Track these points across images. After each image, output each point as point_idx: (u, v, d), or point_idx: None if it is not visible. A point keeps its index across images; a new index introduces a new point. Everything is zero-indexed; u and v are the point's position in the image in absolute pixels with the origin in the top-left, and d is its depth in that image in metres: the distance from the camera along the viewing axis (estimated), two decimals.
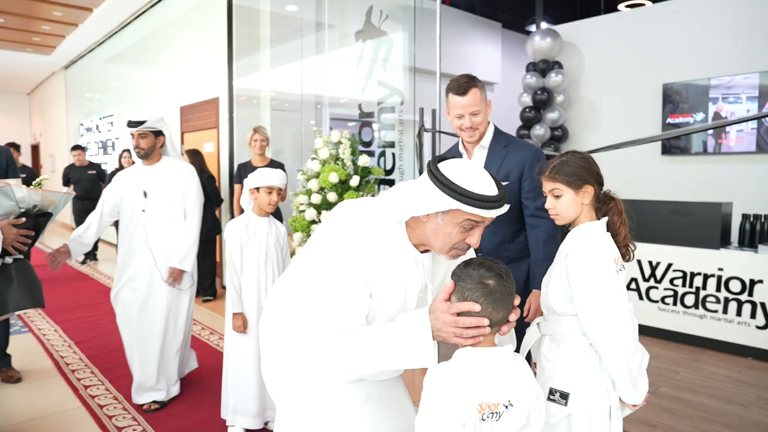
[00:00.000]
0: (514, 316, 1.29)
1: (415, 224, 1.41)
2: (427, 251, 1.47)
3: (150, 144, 3.09)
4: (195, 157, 5.60)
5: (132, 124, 3.06)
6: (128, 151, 7.13)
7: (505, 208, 1.34)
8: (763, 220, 4.14)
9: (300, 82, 5.57)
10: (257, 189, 2.71)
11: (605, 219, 1.58)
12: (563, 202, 1.58)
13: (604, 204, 1.61)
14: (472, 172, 1.34)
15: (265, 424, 2.80)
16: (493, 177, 1.39)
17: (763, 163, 5.14)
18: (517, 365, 1.28)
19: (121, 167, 7.21)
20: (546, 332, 1.61)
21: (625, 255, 1.60)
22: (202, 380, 3.53)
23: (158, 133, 3.14)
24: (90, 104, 11.22)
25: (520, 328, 1.89)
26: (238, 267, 2.70)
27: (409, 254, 1.44)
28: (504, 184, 2.14)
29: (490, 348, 1.27)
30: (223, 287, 6.04)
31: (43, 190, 2.49)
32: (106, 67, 9.89)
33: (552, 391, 1.51)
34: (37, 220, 2.47)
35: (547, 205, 1.63)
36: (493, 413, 1.21)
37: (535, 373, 1.56)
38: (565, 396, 1.48)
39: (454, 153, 2.34)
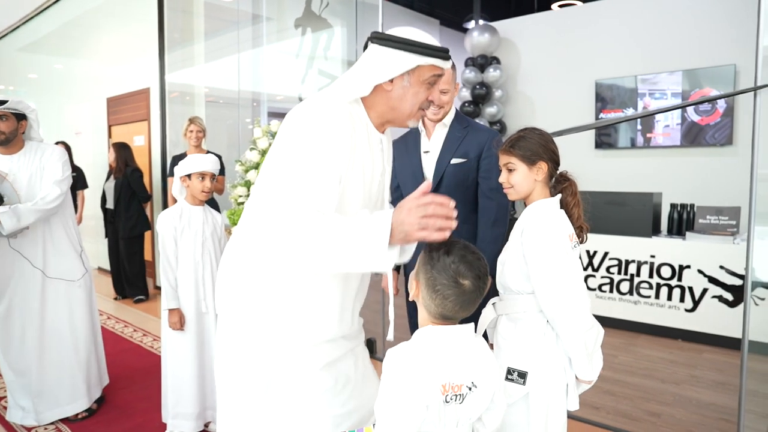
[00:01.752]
0: None
1: (372, 100, 1.39)
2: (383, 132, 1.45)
3: (12, 128, 2.71)
4: (122, 150, 5.30)
5: None
6: None
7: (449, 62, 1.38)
8: (689, 209, 4.35)
9: (237, 76, 5.36)
10: (188, 176, 2.54)
11: (559, 196, 1.57)
12: (517, 176, 1.56)
13: (558, 183, 1.60)
14: (416, 31, 1.35)
15: (206, 425, 2.64)
16: None
17: (687, 156, 5.42)
18: (479, 345, 1.23)
19: None
20: (502, 312, 1.58)
21: (579, 236, 1.59)
22: (136, 383, 3.31)
23: (21, 117, 2.77)
24: (3, 97, 10.38)
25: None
26: (172, 260, 2.53)
27: (373, 135, 1.40)
28: (462, 161, 2.13)
29: (451, 326, 1.21)
30: (157, 287, 5.77)
31: None
32: (20, 56, 9.17)
33: (510, 371, 1.48)
34: None
35: (501, 179, 1.60)
36: (456, 395, 1.15)
37: None
38: (523, 375, 1.45)
39: (413, 132, 2.31)
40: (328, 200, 1.25)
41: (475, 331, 1.25)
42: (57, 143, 5.25)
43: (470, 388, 1.16)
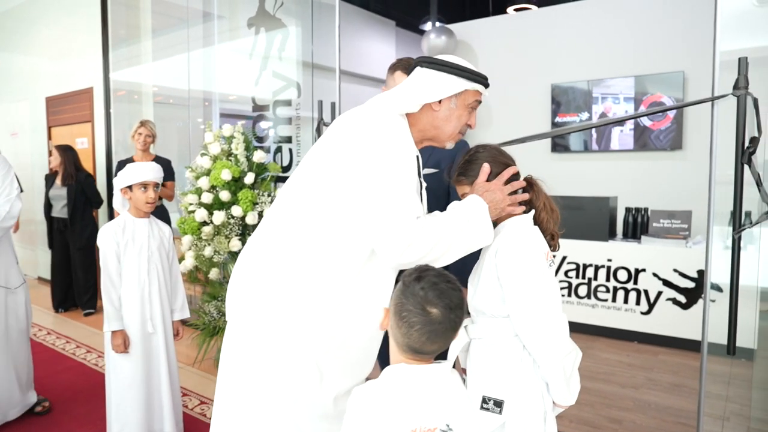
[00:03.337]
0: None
1: (417, 118, 1.46)
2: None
3: None
4: (67, 153, 4.97)
5: None
6: None
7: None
8: (643, 212, 4.43)
9: (187, 75, 5.13)
10: (129, 187, 2.37)
11: (532, 212, 1.49)
12: None
13: (525, 191, 1.53)
14: (462, 60, 1.48)
15: None
16: None
17: (640, 160, 5.53)
18: (455, 383, 1.14)
19: None
20: (475, 336, 1.48)
21: (552, 245, 1.52)
22: (78, 406, 3.08)
23: None
24: None
25: None
26: (115, 278, 2.34)
27: (414, 150, 1.45)
28: (434, 171, 2.05)
29: (424, 366, 1.11)
30: None
31: None
32: None
33: (485, 400, 1.39)
34: None
35: None
36: None
37: (463, 380, 1.44)
38: (499, 404, 1.37)
39: None
40: (420, 205, 1.37)
41: (446, 357, 1.17)
42: (59, 147, 4.95)
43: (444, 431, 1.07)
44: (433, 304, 1.08)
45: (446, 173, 1.57)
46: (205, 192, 3.47)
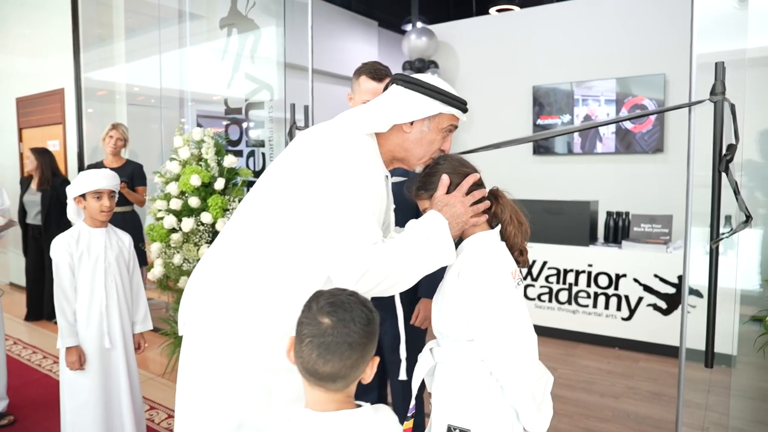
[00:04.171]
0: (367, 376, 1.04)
1: (386, 138, 1.39)
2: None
3: None
4: (44, 157, 4.77)
5: None
6: None
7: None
8: (624, 216, 4.38)
9: (159, 76, 4.99)
10: (83, 196, 2.25)
11: (498, 228, 1.41)
12: None
13: (491, 205, 1.44)
14: (440, 80, 1.40)
15: None
16: None
17: (621, 163, 5.50)
18: (383, 427, 1.03)
19: None
20: (440, 359, 1.40)
21: (519, 261, 1.43)
22: (38, 423, 2.96)
23: None
24: None
25: (416, 346, 1.69)
26: (69, 292, 2.23)
27: (381, 170, 1.38)
28: (402, 180, 1.96)
29: (330, 414, 1.00)
30: None
31: None
32: None
33: (450, 429, 1.31)
34: None
35: None
36: None
37: (429, 404, 1.35)
38: None
39: None
40: (379, 230, 1.27)
41: (410, 379, 1.08)
42: (35, 150, 4.75)
43: None
44: (325, 314, 0.99)
45: (405, 188, 1.48)
46: (174, 198, 3.36)
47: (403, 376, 1.56)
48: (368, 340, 0.99)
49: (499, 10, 6.93)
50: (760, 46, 2.71)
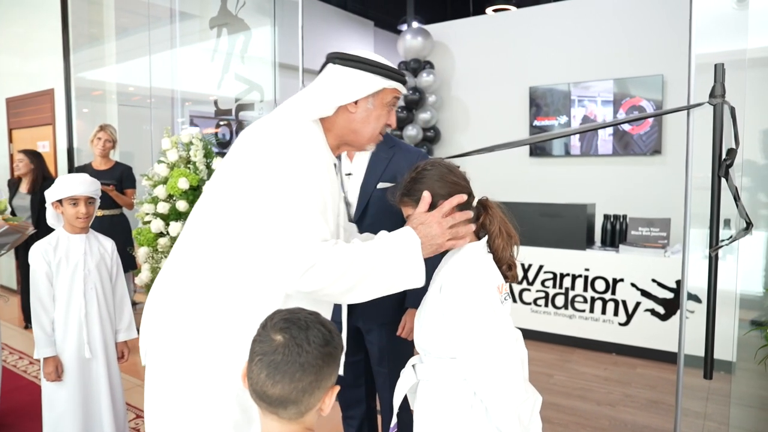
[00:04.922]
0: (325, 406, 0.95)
1: (332, 122, 1.34)
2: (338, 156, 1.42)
3: None
4: (37, 160, 4.67)
5: None
6: None
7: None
8: (622, 220, 4.31)
9: (149, 76, 4.91)
10: (60, 202, 2.18)
11: (485, 239, 1.33)
12: None
13: (479, 215, 1.37)
14: (376, 55, 1.37)
15: None
16: None
17: (619, 165, 5.43)
18: None
19: None
20: (422, 377, 1.33)
21: (507, 275, 1.35)
22: (23, 430, 2.89)
23: None
24: None
25: (403, 358, 1.61)
26: (47, 301, 2.15)
27: (329, 158, 1.33)
28: (389, 185, 1.89)
29: None
30: None
31: None
32: None
33: None
34: None
35: None
36: None
37: (412, 421, 1.28)
38: None
39: None
40: (327, 227, 1.20)
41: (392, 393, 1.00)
42: (26, 152, 4.62)
43: None
44: (278, 330, 0.91)
45: (389, 194, 1.40)
46: (162, 201, 3.28)
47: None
48: (324, 363, 0.90)
49: (495, 10, 6.87)
50: (760, 46, 2.65)
